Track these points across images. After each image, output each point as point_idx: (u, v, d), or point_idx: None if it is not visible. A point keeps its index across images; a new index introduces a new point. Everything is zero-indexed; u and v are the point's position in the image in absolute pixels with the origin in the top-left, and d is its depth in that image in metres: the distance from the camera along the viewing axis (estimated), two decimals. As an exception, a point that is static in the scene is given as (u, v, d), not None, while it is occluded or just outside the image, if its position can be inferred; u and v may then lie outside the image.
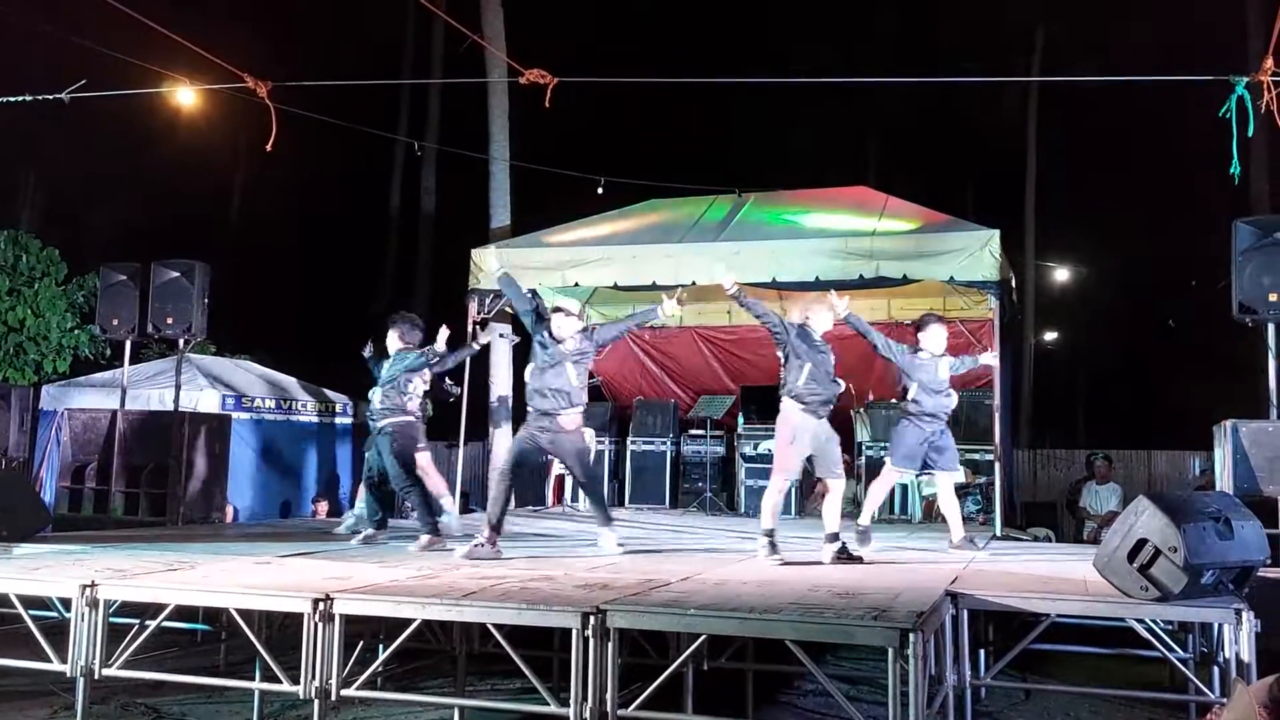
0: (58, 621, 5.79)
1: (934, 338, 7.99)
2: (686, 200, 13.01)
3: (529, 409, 7.30)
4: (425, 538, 7.50)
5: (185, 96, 10.77)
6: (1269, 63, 7.18)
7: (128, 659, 5.39)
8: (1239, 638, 5.02)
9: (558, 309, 7.44)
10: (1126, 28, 21.39)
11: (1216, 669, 5.60)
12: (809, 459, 7.35)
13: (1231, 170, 7.46)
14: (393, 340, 8.18)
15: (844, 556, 7.02)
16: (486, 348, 12.46)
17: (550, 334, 7.29)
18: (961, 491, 10.98)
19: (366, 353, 8.57)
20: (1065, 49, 22.90)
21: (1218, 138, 7.69)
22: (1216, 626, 5.45)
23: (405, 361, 7.97)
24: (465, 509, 13.23)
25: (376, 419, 8.00)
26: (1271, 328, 8.30)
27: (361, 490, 8.81)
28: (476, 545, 6.86)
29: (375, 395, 8.09)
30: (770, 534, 7.18)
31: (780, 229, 11.52)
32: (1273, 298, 8.18)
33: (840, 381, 7.35)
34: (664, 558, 7.21)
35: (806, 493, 12.49)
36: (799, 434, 7.17)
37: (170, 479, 10.16)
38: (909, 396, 7.91)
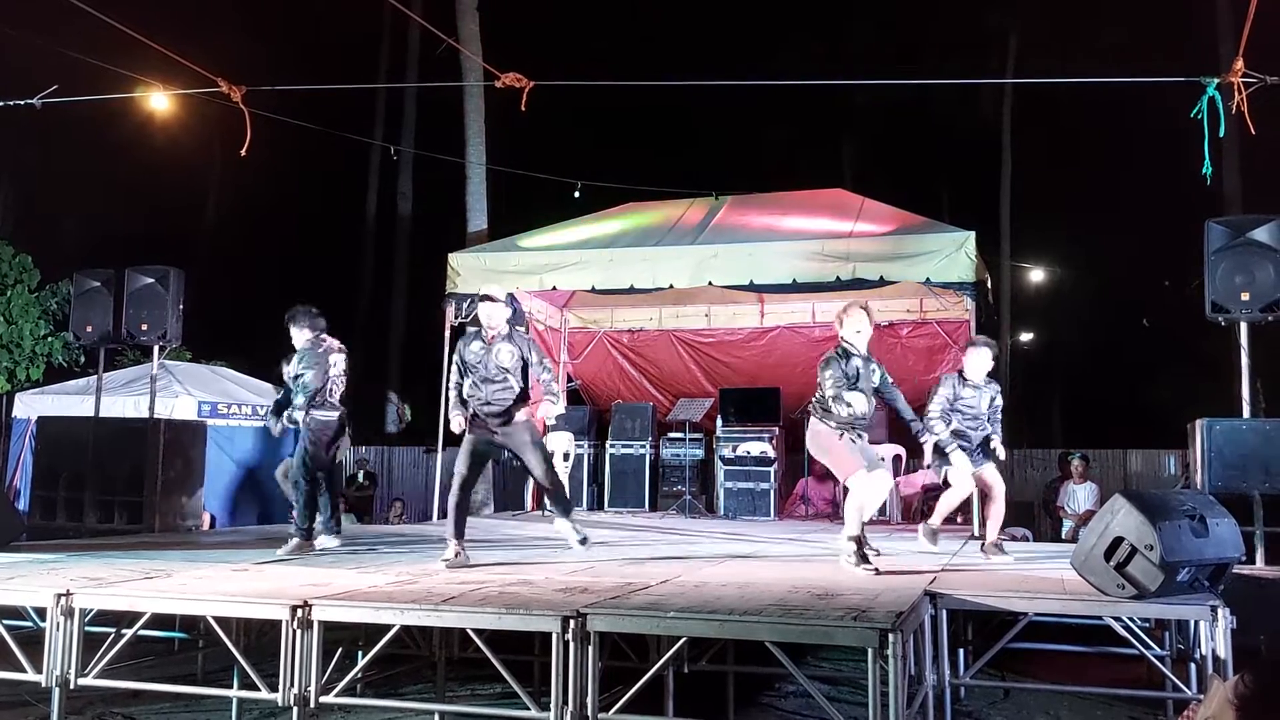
0: (33, 631, 5.74)
1: (976, 362, 7.38)
2: (663, 203, 13.03)
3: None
4: (294, 541, 7.42)
5: (159, 102, 10.72)
6: (1239, 64, 7.25)
7: (104, 668, 5.33)
8: (1215, 634, 5.05)
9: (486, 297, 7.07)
10: (1100, 31, 21.58)
11: (1193, 666, 5.63)
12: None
13: (1204, 170, 7.53)
14: (302, 337, 7.79)
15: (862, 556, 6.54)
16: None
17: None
18: (940, 491, 11.03)
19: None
20: (1039, 51, 23.07)
21: (1190, 139, 7.77)
22: (1193, 624, 5.49)
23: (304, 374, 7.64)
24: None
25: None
26: (1244, 327, 8.37)
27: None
28: (457, 554, 6.73)
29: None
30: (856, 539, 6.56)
31: (757, 232, 11.55)
32: (1245, 297, 8.25)
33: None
34: (643, 561, 7.21)
35: (786, 495, 12.55)
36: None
37: (146, 486, 10.08)
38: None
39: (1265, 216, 8.41)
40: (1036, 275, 25.91)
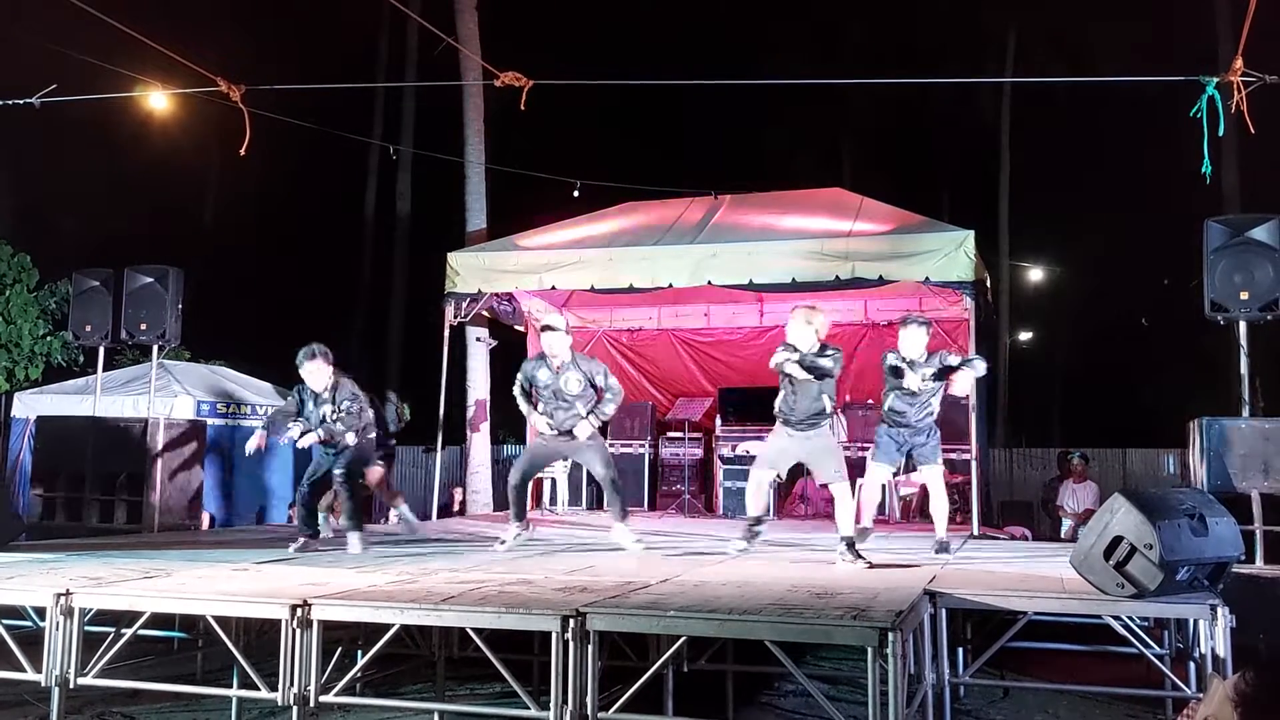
0: (32, 631, 5.74)
1: (907, 340, 7.77)
2: (662, 202, 13.02)
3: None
4: (302, 540, 7.52)
5: (158, 101, 10.71)
6: (1239, 63, 7.26)
7: (103, 668, 5.33)
8: (1214, 633, 5.05)
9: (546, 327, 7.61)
10: (1099, 30, 21.57)
11: (1192, 665, 5.64)
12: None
13: (1203, 170, 7.53)
14: (325, 374, 7.61)
15: (854, 557, 6.82)
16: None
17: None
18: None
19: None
20: (1038, 50, 23.06)
21: (1189, 138, 7.77)
22: (1192, 622, 5.49)
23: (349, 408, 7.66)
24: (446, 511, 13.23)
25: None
26: (1243, 325, 8.37)
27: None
28: (516, 535, 7.61)
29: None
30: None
31: (756, 231, 11.54)
32: (1244, 296, 8.25)
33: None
34: (643, 560, 7.21)
35: (785, 494, 12.54)
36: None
37: (145, 486, 10.08)
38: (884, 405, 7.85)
39: (1264, 216, 8.41)
40: (1035, 274, 25.93)
